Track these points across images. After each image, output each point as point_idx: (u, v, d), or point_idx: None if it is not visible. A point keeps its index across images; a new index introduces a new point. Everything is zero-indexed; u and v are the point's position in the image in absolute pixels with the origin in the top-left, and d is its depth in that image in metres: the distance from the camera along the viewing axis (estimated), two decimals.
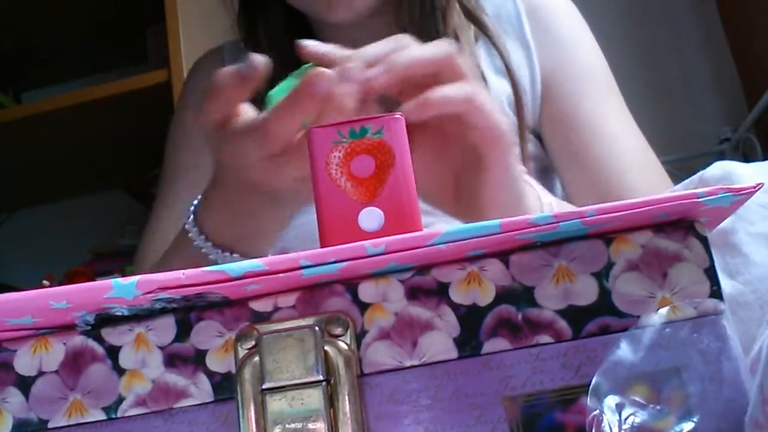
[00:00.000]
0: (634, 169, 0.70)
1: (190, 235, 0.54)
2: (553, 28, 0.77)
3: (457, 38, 0.69)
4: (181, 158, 0.82)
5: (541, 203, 0.53)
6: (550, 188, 0.76)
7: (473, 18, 0.73)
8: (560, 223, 0.29)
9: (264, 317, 0.32)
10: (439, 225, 0.62)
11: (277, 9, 0.76)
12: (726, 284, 0.30)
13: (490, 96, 0.47)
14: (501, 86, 0.73)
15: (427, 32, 0.69)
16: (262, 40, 0.75)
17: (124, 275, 0.31)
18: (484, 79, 0.71)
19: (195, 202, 0.56)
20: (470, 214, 0.50)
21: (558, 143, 0.74)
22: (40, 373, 0.33)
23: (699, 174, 0.44)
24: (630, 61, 1.72)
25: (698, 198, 0.29)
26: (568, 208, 0.56)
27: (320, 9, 0.70)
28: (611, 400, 0.28)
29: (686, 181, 0.44)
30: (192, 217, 0.55)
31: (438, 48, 0.47)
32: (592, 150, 0.71)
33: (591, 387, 0.28)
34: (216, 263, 0.49)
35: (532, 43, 0.76)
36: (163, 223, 0.79)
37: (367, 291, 0.31)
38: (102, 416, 0.32)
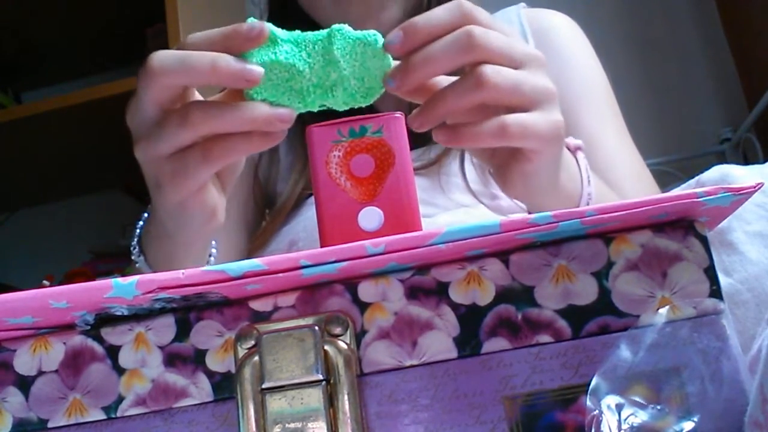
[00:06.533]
0: (630, 179, 0.72)
1: (133, 257, 0.55)
2: (555, 47, 0.80)
3: None
4: None
5: (588, 174, 0.53)
6: None
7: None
8: (560, 223, 0.29)
9: (264, 317, 0.32)
10: (440, 217, 0.62)
11: (301, 20, 0.76)
12: (722, 282, 0.30)
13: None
14: None
15: None
16: None
17: (124, 275, 0.31)
18: None
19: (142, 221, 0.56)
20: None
21: None
22: (40, 373, 0.33)
23: (696, 178, 0.44)
24: (630, 61, 1.71)
25: (698, 198, 0.29)
26: (609, 196, 0.56)
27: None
28: (611, 400, 0.28)
29: (684, 185, 0.44)
30: (137, 239, 0.56)
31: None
32: (589, 159, 0.73)
33: (590, 387, 0.28)
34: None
35: None
36: None
37: (366, 290, 0.31)
38: (102, 416, 0.32)
